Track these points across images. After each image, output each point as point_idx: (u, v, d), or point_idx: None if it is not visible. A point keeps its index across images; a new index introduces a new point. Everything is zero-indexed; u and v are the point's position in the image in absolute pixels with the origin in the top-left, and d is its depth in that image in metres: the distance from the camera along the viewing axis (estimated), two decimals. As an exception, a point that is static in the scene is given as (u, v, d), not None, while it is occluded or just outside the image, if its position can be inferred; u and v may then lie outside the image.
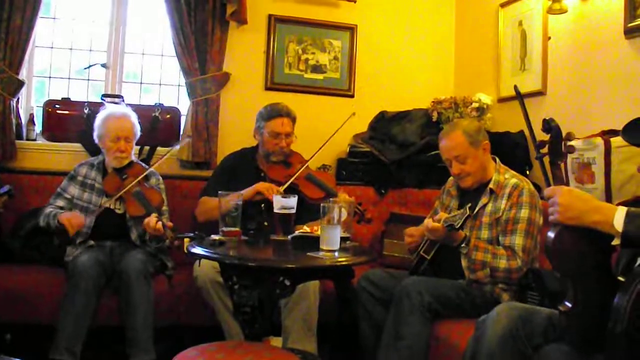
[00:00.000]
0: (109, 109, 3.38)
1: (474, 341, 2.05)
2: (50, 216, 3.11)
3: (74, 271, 2.88)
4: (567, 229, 1.67)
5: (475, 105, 4.07)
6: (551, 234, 1.69)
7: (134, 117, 3.35)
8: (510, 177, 2.80)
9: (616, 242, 1.62)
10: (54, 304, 2.88)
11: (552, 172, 1.79)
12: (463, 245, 2.67)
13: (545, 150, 1.82)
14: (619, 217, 1.60)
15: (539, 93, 3.66)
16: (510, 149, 3.62)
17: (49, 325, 2.83)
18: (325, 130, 3.30)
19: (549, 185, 1.77)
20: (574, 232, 1.66)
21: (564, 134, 1.81)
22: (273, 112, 3.37)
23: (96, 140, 3.33)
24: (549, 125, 1.80)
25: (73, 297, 2.81)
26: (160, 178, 3.42)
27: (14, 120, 3.84)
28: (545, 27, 3.62)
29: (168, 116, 4.11)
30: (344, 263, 2.49)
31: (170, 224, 2.96)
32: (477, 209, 2.76)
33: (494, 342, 1.92)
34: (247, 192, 3.10)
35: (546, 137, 1.83)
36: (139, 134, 3.37)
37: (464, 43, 4.65)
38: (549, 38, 3.60)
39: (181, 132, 4.15)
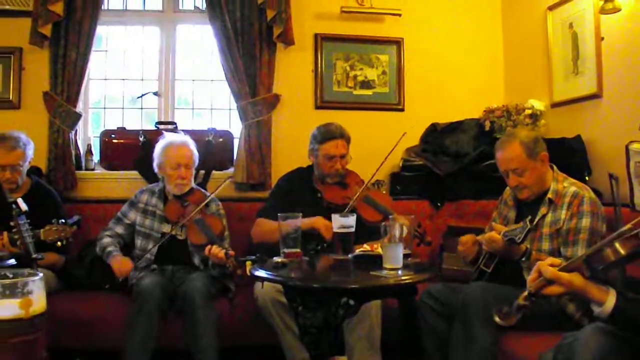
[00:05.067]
0: (168, 138, 3.43)
1: None
2: (105, 252, 3.23)
3: (138, 294, 2.93)
4: None
5: (528, 112, 4.00)
6: None
7: (192, 145, 3.40)
8: (569, 186, 2.72)
9: None
10: (119, 328, 2.92)
11: None
12: (524, 259, 2.61)
13: None
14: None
15: (595, 96, 3.57)
16: (567, 155, 3.52)
17: (116, 349, 2.88)
18: (377, 146, 3.28)
19: None
20: None
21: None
22: (327, 135, 3.32)
23: (156, 169, 3.39)
24: None
25: (137, 320, 2.86)
26: (220, 204, 3.46)
27: (73, 152, 3.97)
28: (597, 27, 3.54)
29: (221, 140, 4.17)
30: (407, 281, 2.45)
31: (232, 252, 2.99)
32: (536, 219, 2.69)
33: None
34: (304, 223, 2.95)
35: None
36: (197, 160, 3.42)
37: (512, 49, 4.57)
38: (602, 39, 3.52)
39: (235, 155, 4.20)
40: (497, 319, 1.86)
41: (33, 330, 0.84)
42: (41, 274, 0.87)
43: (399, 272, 2.42)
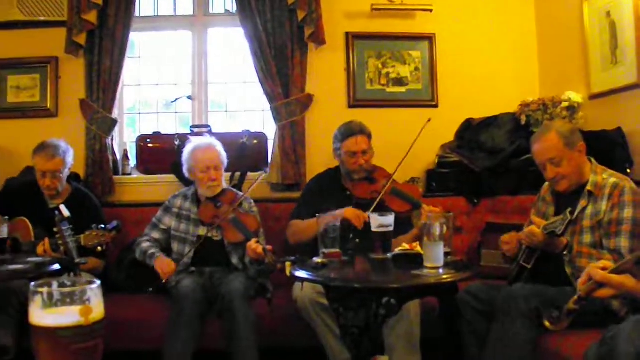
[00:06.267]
0: (193, 142, 3.45)
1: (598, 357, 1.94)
2: (147, 255, 3.24)
3: (178, 297, 2.96)
4: None
5: (565, 104, 3.91)
6: None
7: (219, 146, 3.41)
8: (609, 177, 2.65)
9: None
10: (159, 331, 2.96)
11: None
12: (565, 252, 2.55)
13: None
14: None
15: (635, 86, 3.47)
16: (607, 147, 3.44)
17: (156, 351, 2.91)
18: (411, 143, 3.26)
19: None
20: None
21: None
22: (347, 132, 3.38)
23: (186, 174, 3.42)
24: None
25: (178, 322, 2.89)
26: (252, 201, 3.48)
27: (110, 157, 4.03)
28: (637, 15, 3.43)
29: (255, 141, 4.19)
30: (449, 280, 2.43)
31: (270, 247, 3.00)
32: (576, 213, 2.62)
33: None
34: (334, 215, 3.04)
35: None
36: (226, 161, 3.43)
37: (547, 40, 4.48)
38: (643, 27, 3.43)
39: (269, 156, 4.21)
40: (547, 323, 1.83)
41: (93, 337, 0.85)
42: (99, 282, 0.88)
43: (440, 270, 2.40)
